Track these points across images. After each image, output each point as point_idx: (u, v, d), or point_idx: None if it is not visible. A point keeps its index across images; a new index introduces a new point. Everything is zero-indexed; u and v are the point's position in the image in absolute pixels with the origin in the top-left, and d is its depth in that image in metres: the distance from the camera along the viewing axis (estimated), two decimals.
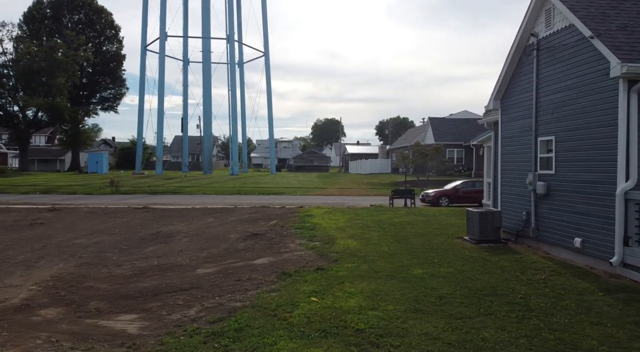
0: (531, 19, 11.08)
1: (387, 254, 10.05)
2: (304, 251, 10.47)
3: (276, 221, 15.70)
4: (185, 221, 15.78)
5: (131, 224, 15.03)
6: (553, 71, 10.34)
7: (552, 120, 10.36)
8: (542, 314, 6.20)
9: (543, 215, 10.71)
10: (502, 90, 12.55)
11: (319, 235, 12.66)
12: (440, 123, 52.57)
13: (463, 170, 47.04)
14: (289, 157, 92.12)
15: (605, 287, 7.51)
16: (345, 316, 6.04)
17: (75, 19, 68.10)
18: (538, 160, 10.88)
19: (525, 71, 11.51)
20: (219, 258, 9.97)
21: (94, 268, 9.12)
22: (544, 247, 10.74)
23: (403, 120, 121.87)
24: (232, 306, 6.56)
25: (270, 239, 12.18)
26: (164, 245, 11.55)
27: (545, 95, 10.66)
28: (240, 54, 62.20)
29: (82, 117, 66.01)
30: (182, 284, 7.87)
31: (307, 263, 9.21)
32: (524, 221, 11.35)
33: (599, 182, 8.85)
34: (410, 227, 14.16)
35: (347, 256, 9.81)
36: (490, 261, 9.44)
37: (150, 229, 14.07)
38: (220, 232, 13.46)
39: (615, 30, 8.91)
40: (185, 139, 66.00)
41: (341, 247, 10.85)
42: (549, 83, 10.50)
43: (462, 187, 25.49)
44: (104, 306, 6.80)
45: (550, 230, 10.43)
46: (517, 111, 11.90)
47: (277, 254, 10.27)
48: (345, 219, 16.03)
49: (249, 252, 10.52)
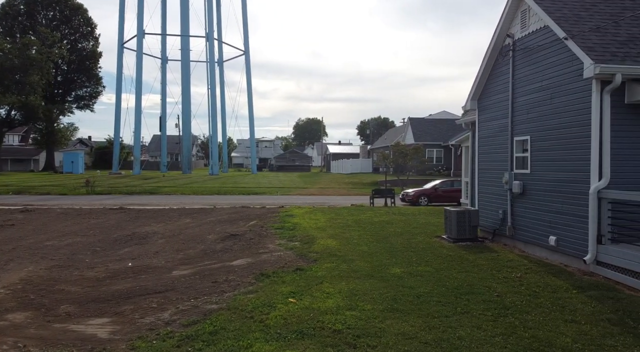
0: (507, 20, 11.22)
1: (367, 254, 10.04)
2: (283, 252, 10.38)
3: (256, 221, 15.56)
4: (161, 222, 15.50)
5: (106, 225, 14.69)
6: (528, 72, 10.48)
7: (528, 120, 10.50)
8: (518, 312, 6.25)
9: (519, 214, 10.85)
10: (479, 91, 12.68)
11: (299, 235, 12.58)
12: (419, 123, 53.05)
13: (442, 170, 47.54)
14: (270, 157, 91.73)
15: (579, 285, 7.63)
16: (322, 316, 5.98)
17: (50, 16, 66.52)
18: (514, 159, 11.02)
19: (501, 72, 11.64)
20: (196, 259, 9.81)
21: (66, 271, 8.86)
22: (519, 246, 10.88)
23: (384, 121, 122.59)
24: (207, 309, 6.44)
25: (249, 239, 12.05)
26: (139, 246, 11.32)
27: (520, 96, 10.80)
28: (220, 52, 61.71)
29: (56, 115, 64.52)
30: (156, 286, 7.70)
31: (286, 264, 9.12)
32: (501, 220, 11.48)
33: (573, 181, 9.00)
34: (390, 227, 14.20)
35: (327, 256, 9.75)
36: (467, 260, 9.51)
37: (125, 230, 13.78)
38: (197, 233, 13.27)
39: (588, 31, 9.06)
40: (163, 138, 64.97)
41: (321, 247, 10.79)
42: (524, 83, 10.64)
43: (441, 186, 25.74)
44: (75, 309, 6.60)
45: (526, 228, 10.57)
46: (494, 111, 12.03)
47: (255, 255, 10.16)
48: (325, 219, 15.99)
49: (227, 254, 10.38)
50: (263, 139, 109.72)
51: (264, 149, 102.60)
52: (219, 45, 61.14)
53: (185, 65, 54.17)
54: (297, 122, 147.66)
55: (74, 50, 65.63)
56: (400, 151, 39.84)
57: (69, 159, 57.56)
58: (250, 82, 62.78)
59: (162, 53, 63.02)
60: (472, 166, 16.19)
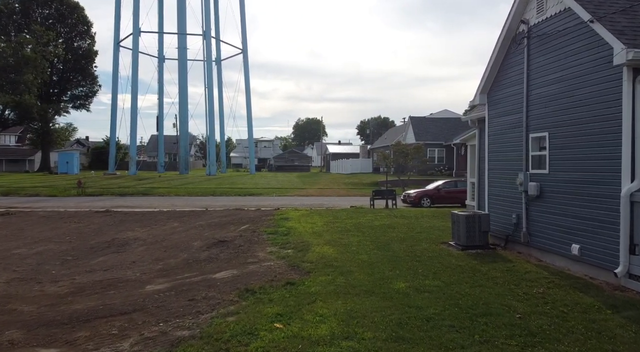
0: (521, 4, 10.17)
1: (367, 264, 9.00)
2: (274, 261, 9.34)
3: (248, 225, 14.52)
4: (147, 226, 14.47)
5: (85, 230, 13.65)
6: (546, 61, 9.43)
7: (545, 114, 9.46)
8: (547, 340, 5.22)
9: (535, 218, 9.80)
10: (489, 84, 11.63)
11: (293, 241, 11.55)
12: (420, 122, 51.95)
13: (444, 170, 46.47)
14: (269, 157, 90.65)
15: (612, 303, 6.60)
16: (313, 348, 4.95)
17: (45, 14, 65.40)
18: (529, 158, 9.97)
19: (515, 62, 10.60)
20: (175, 271, 8.77)
21: (26, 285, 7.83)
22: (536, 254, 9.83)
23: (384, 120, 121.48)
24: (176, 337, 5.40)
25: (238, 246, 11.02)
26: (116, 255, 10.28)
27: (537, 88, 9.75)
28: (218, 51, 60.62)
29: (52, 115, 63.47)
30: (124, 305, 6.67)
31: (276, 276, 8.08)
32: (514, 225, 10.43)
33: (599, 183, 7.96)
34: (391, 231, 13.16)
35: (322, 267, 8.72)
36: (480, 271, 8.47)
37: (105, 235, 12.73)
38: (183, 239, 12.22)
39: (615, 13, 8.03)
40: (160, 138, 63.94)
41: (316, 255, 9.76)
42: (541, 74, 9.60)
43: (444, 187, 24.68)
44: (21, 336, 5.57)
45: (543, 235, 9.53)
46: (506, 105, 10.99)
47: (242, 265, 9.12)
48: (323, 222, 14.96)
49: (211, 264, 9.34)
50: (262, 139, 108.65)
51: (263, 149, 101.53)
52: (217, 43, 60.12)
53: (183, 63, 53.11)
54: (296, 122, 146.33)
55: (69, 49, 64.54)
56: (401, 151, 38.79)
57: (64, 160, 56.41)
58: (249, 81, 61.75)
59: (159, 52, 61.96)
60: (480, 166, 15.16)
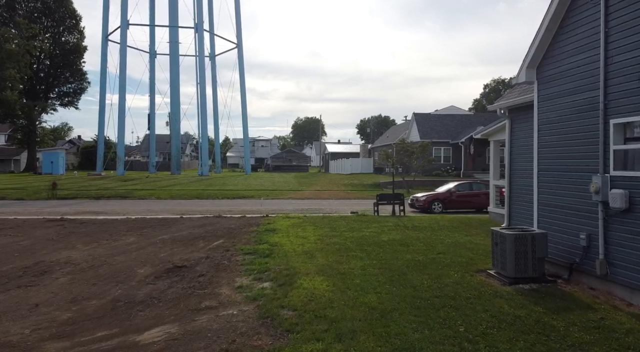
0: None
1: (378, 313, 6.00)
2: (240, 307, 6.34)
3: (222, 241, 11.52)
4: (94, 242, 11.44)
5: (11, 249, 10.60)
6: (638, 12, 6.46)
7: (637, 90, 6.49)
8: None
9: (619, 241, 6.82)
10: (540, 55, 8.61)
11: (275, 267, 8.56)
12: (425, 119, 48.86)
13: (450, 170, 43.47)
14: (267, 157, 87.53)
15: None
16: None
17: (31, 7, 62.40)
18: (611, 155, 6.99)
19: (582, 20, 7.61)
20: (87, 325, 5.76)
21: None
22: (620, 293, 6.84)
23: (385, 119, 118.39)
24: None
25: (198, 276, 8.02)
26: (22, 291, 7.28)
27: (622, 53, 6.77)
28: (212, 46, 57.59)
29: (38, 113, 60.41)
30: None
31: (235, 341, 5.10)
32: (583, 249, 7.44)
33: None
34: (404, 251, 10.17)
35: (310, 320, 5.73)
36: (554, 329, 5.47)
37: (31, 257, 9.71)
38: (129, 263, 9.19)
39: None
40: (152, 136, 60.86)
41: (303, 295, 6.77)
42: (629, 32, 6.61)
43: (458, 189, 21.65)
44: None
45: (633, 266, 6.56)
46: (568, 82, 7.98)
47: (192, 313, 6.12)
48: (316, 237, 11.97)
49: (147, 309, 6.33)
50: (259, 138, 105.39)
51: (260, 149, 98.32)
52: (211, 37, 57.06)
53: (174, 58, 50.01)
54: (295, 122, 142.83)
55: (57, 43, 61.55)
56: (405, 149, 35.71)
57: (49, 159, 53.31)
58: (244, 76, 58.57)
59: (151, 46, 58.88)
60: (512, 166, 12.21)
